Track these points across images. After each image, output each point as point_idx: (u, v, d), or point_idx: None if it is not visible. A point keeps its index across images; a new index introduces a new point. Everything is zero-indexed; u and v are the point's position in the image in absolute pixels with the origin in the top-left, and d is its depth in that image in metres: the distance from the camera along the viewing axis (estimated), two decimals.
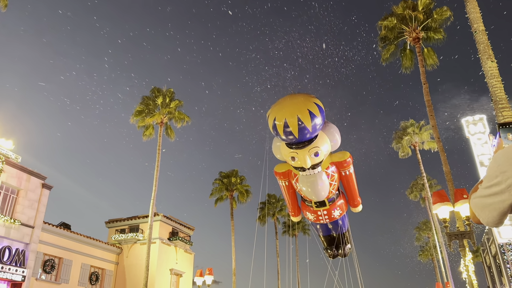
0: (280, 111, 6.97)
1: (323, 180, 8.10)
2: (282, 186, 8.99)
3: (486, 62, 12.59)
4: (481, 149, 19.00)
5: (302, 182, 8.19)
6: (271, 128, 7.19)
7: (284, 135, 7.03)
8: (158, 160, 29.28)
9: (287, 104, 7.03)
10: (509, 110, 12.08)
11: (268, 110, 7.32)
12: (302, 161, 7.48)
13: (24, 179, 24.09)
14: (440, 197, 9.75)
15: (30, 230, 23.66)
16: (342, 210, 9.37)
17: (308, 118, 6.79)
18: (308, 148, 7.33)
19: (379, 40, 25.26)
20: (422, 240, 51.03)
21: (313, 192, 8.28)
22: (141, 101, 30.79)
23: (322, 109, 7.06)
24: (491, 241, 33.06)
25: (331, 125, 7.92)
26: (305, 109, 6.83)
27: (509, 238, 17.87)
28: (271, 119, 7.09)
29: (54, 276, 27.51)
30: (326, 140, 7.62)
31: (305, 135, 7.00)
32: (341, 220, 9.86)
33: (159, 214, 33.76)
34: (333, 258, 11.60)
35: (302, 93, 7.38)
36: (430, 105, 21.80)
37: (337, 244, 10.98)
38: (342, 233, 10.68)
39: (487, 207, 1.34)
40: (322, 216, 9.25)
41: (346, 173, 8.51)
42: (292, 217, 10.02)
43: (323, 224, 10.07)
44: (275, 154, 8.18)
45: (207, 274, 21.52)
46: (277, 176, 8.82)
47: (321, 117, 6.98)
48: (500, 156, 1.31)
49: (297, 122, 6.77)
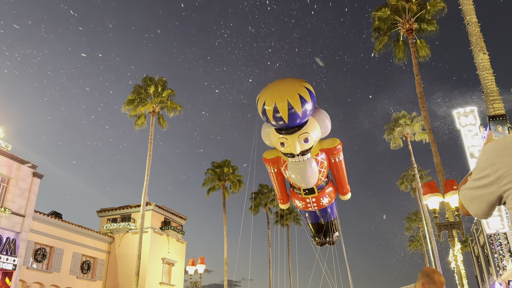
0: (270, 95, 6.80)
1: (312, 167, 7.94)
2: (271, 173, 8.82)
3: (478, 54, 12.65)
4: (472, 140, 19.17)
5: (291, 168, 8.02)
6: (260, 113, 7.02)
7: (273, 120, 6.89)
8: (150, 149, 29.16)
9: (277, 88, 6.87)
10: (500, 103, 12.17)
11: (258, 94, 7.11)
12: (291, 147, 7.31)
13: (15, 168, 23.89)
14: (431, 188, 9.86)
15: (21, 219, 23.54)
16: (331, 197, 9.24)
17: (299, 103, 6.64)
18: (297, 134, 7.16)
19: (372, 31, 25.22)
20: (412, 230, 51.67)
21: (302, 179, 8.12)
22: (132, 90, 30.54)
23: (313, 94, 6.91)
24: (479, 232, 33.57)
25: (322, 111, 7.75)
26: (295, 93, 6.68)
27: (497, 229, 18.14)
28: (260, 103, 6.92)
29: (46, 265, 27.47)
30: (316, 126, 7.46)
31: (295, 120, 6.84)
32: (329, 207, 9.76)
33: (151, 203, 33.74)
34: (321, 246, 11.53)
35: (293, 78, 7.19)
36: (422, 97, 21.90)
37: (325, 231, 10.88)
38: (330, 221, 10.57)
39: (476, 199, 1.36)
40: (311, 204, 9.12)
41: (335, 160, 8.36)
42: (281, 205, 9.89)
43: (311, 212, 9.97)
44: (264, 140, 8.01)
45: (199, 263, 21.64)
46: (266, 162, 8.64)
47: (312, 102, 6.85)
48: (490, 148, 1.32)
49: (287, 107, 6.61)
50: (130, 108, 30.08)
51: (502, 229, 18.18)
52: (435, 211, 9.94)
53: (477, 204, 1.36)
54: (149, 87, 30.41)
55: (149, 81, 30.76)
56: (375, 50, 25.43)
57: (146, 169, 28.50)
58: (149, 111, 30.16)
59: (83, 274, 30.13)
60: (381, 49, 25.20)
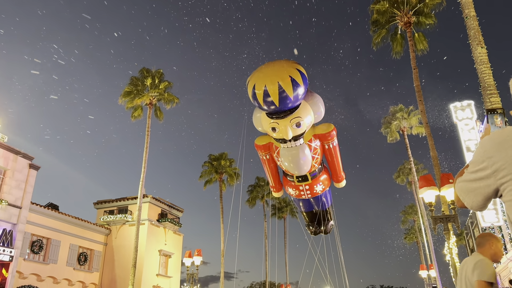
0: (260, 77, 6.50)
1: (305, 153, 7.65)
2: (263, 159, 8.52)
3: (476, 48, 12.64)
4: (468, 134, 19.20)
5: (283, 155, 7.73)
6: (250, 97, 6.71)
7: (264, 104, 6.60)
8: (147, 141, 29.11)
9: (268, 71, 6.56)
10: (497, 97, 12.20)
11: (248, 76, 6.78)
12: (283, 132, 7.03)
13: (11, 159, 23.80)
14: (427, 181, 9.87)
15: (17, 211, 23.50)
16: (325, 185, 8.93)
17: (290, 86, 6.34)
18: (289, 118, 6.87)
19: (370, 24, 25.12)
20: (408, 223, 51.94)
21: (295, 165, 7.84)
22: (129, 82, 30.39)
23: (305, 76, 6.60)
24: (474, 225, 33.78)
25: (315, 95, 7.39)
26: (286, 75, 6.37)
27: (492, 222, 18.27)
28: (250, 86, 6.60)
29: (42, 257, 27.49)
30: (309, 110, 7.16)
31: (286, 103, 6.56)
32: (324, 195, 9.47)
33: (148, 195, 33.75)
34: (315, 235, 11.28)
35: (285, 60, 6.89)
36: (419, 90, 21.89)
37: (319, 220, 10.58)
38: (324, 209, 10.29)
39: (472, 191, 1.36)
40: (304, 191, 8.80)
41: (329, 146, 8.06)
42: (274, 193, 9.60)
43: (305, 200, 9.68)
44: (256, 126, 7.72)
45: (196, 255, 21.69)
46: (258, 149, 8.33)
47: (304, 85, 6.56)
48: (487, 141, 1.32)
49: (278, 90, 6.32)
50: (127, 100, 29.95)
51: (497, 222, 18.31)
52: (431, 204, 9.98)
53: (473, 197, 1.37)
54: (146, 79, 30.27)
55: (146, 73, 30.61)
56: (373, 44, 25.35)
57: (143, 161, 28.46)
58: (146, 103, 30.05)
59: (80, 265, 30.19)
60: (379, 42, 25.13)
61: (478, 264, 3.48)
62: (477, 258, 3.57)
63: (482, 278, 3.37)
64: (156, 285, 32.69)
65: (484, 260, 3.53)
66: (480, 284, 3.35)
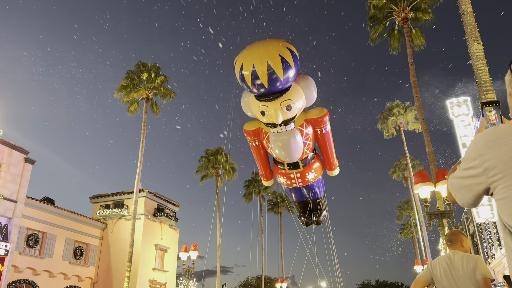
0: (248, 57, 6.07)
1: (297, 138, 7.21)
2: (252, 146, 8.11)
3: (472, 44, 12.64)
4: (464, 130, 19.28)
5: (273, 141, 7.30)
6: (238, 78, 6.30)
7: (252, 85, 6.19)
8: (143, 136, 29.03)
9: (256, 50, 6.12)
10: (492, 93, 12.23)
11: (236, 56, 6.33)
12: (273, 115, 6.61)
13: (6, 153, 23.68)
14: (422, 177, 9.90)
15: (12, 205, 23.42)
16: (317, 173, 8.52)
17: (280, 65, 5.92)
18: (279, 101, 6.44)
19: (367, 19, 25.09)
20: (403, 218, 52.20)
21: (286, 152, 7.40)
22: (125, 76, 30.24)
23: (296, 56, 6.20)
24: (469, 221, 33.98)
25: (308, 77, 6.94)
26: (276, 54, 5.95)
27: (486, 218, 18.39)
28: (237, 66, 6.17)
29: (38, 251, 27.46)
30: (301, 94, 6.73)
31: (276, 85, 6.14)
32: (316, 184, 9.03)
33: (144, 190, 33.72)
34: (307, 226, 10.90)
35: (275, 38, 6.42)
36: (416, 86, 21.91)
37: (311, 210, 10.10)
38: (317, 199, 9.85)
39: (464, 188, 1.36)
40: (295, 180, 8.35)
41: (322, 132, 7.67)
42: (264, 182, 9.21)
43: (296, 189, 9.21)
44: (245, 111, 7.28)
45: (192, 249, 21.71)
46: (247, 135, 7.87)
47: (295, 65, 6.14)
48: (480, 139, 1.32)
49: (266, 70, 5.90)
50: (122, 94, 29.82)
51: (491, 218, 18.42)
52: (426, 200, 10.02)
53: (464, 193, 1.36)
54: (142, 73, 30.13)
55: (142, 67, 30.46)
56: (370, 39, 25.34)
57: (139, 155, 28.40)
58: (142, 97, 29.93)
59: (76, 259, 30.18)
60: (376, 38, 25.11)
61: (480, 262, 3.56)
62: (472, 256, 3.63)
63: (489, 276, 3.48)
64: (152, 279, 32.75)
65: (481, 258, 3.64)
66: (487, 282, 3.43)
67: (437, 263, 3.75)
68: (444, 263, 3.68)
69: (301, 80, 6.75)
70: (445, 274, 3.62)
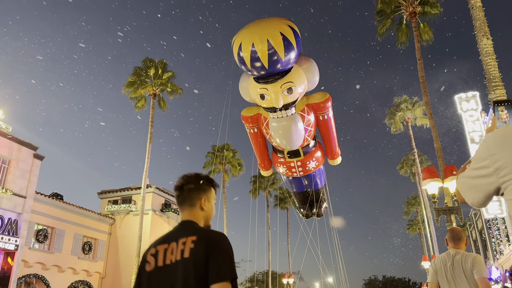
0: (248, 35, 5.60)
1: (297, 124, 6.75)
2: (251, 133, 7.62)
3: (481, 40, 12.51)
4: (473, 126, 19.07)
5: (273, 127, 6.83)
6: (236, 59, 5.83)
7: (251, 66, 5.72)
8: (151, 132, 29.13)
9: (255, 28, 5.64)
10: (502, 88, 12.11)
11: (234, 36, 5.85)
12: (273, 99, 6.16)
13: (15, 149, 23.92)
14: (430, 173, 9.87)
15: (22, 200, 23.68)
16: (318, 162, 8.03)
17: (281, 44, 5.49)
18: (280, 83, 6.00)
19: (375, 14, 24.89)
20: (411, 214, 51.97)
21: (286, 138, 6.94)
22: (133, 72, 30.32)
23: (298, 34, 5.76)
24: (478, 217, 33.78)
25: (310, 60, 6.49)
26: (277, 32, 5.48)
27: (495, 214, 18.23)
28: (236, 45, 5.69)
29: (47, 246, 27.77)
30: (303, 77, 6.27)
31: (276, 65, 5.69)
32: (317, 174, 8.56)
33: (151, 186, 33.91)
34: (307, 218, 10.43)
35: (276, 17, 5.95)
36: (424, 81, 21.74)
37: (312, 202, 9.61)
38: (317, 190, 9.31)
39: (473, 188, 1.35)
40: (296, 168, 7.87)
41: (324, 118, 7.21)
42: (262, 171, 8.88)
43: (296, 178, 8.69)
44: (243, 96, 6.83)
45: None
46: (244, 121, 7.39)
47: (297, 44, 5.73)
48: (490, 138, 1.31)
49: (267, 49, 5.44)
50: (130, 90, 29.92)
51: (500, 214, 18.27)
52: (434, 196, 9.98)
53: (474, 193, 1.35)
54: (149, 69, 30.20)
55: (149, 63, 30.53)
56: (377, 34, 25.14)
57: (147, 151, 28.52)
58: (149, 93, 30.02)
59: (85, 254, 30.49)
60: (384, 33, 24.92)
61: (477, 261, 3.57)
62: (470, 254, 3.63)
63: (486, 276, 3.48)
64: None
65: (479, 257, 3.66)
66: (485, 281, 3.44)
67: (440, 261, 3.77)
68: (447, 261, 3.69)
69: (303, 62, 6.31)
70: (446, 272, 3.64)
